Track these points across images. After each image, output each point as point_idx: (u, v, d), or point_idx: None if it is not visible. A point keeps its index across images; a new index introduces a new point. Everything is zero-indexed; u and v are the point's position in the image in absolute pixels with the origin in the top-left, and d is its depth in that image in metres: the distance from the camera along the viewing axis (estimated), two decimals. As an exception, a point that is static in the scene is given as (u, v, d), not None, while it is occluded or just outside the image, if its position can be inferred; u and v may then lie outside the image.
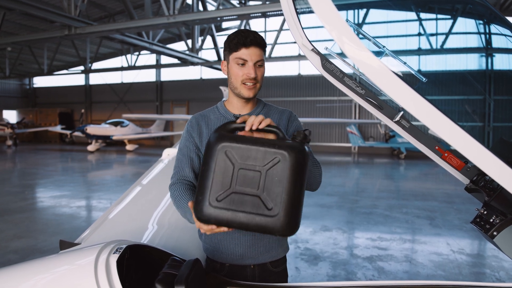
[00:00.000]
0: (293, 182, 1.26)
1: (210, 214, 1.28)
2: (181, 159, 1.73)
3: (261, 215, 1.26)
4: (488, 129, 1.77)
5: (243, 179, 1.28)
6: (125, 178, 12.34)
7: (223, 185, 1.28)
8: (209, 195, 1.28)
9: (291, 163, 1.26)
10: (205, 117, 1.76)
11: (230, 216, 1.27)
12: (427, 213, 7.43)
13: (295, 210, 1.27)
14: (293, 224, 1.27)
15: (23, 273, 1.44)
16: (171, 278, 1.31)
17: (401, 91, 1.06)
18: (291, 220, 1.26)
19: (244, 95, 1.65)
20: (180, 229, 2.15)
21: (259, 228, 1.27)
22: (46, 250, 5.15)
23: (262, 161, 1.27)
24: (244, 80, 1.62)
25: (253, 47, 1.58)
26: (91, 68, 24.48)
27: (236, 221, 1.27)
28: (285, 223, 1.25)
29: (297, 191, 1.27)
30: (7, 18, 16.16)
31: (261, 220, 1.26)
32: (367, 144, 19.87)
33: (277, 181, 1.26)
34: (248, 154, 1.28)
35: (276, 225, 1.25)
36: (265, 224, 1.26)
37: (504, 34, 1.65)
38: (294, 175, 1.26)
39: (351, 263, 4.75)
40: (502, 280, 4.36)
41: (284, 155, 1.26)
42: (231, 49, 1.61)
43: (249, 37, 1.58)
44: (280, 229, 1.26)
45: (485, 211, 1.48)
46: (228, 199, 1.27)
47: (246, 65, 1.60)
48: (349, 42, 1.05)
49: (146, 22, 13.16)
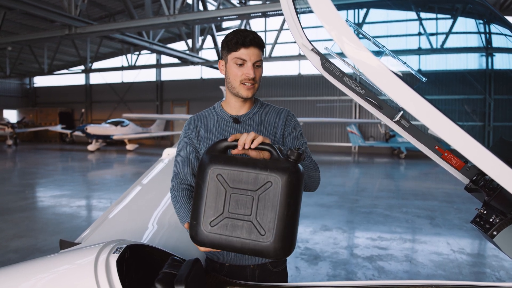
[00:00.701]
0: (286, 205, 1.25)
1: (204, 240, 1.30)
2: (180, 161, 1.73)
3: (255, 240, 1.26)
4: (488, 129, 1.77)
5: (235, 203, 1.28)
6: (125, 177, 12.34)
7: (216, 210, 1.29)
8: (202, 221, 1.29)
9: (283, 186, 1.25)
10: (203, 118, 1.75)
11: (224, 241, 1.28)
12: (427, 213, 7.43)
13: (289, 234, 1.27)
14: (287, 248, 1.28)
15: (23, 272, 1.44)
16: (171, 278, 1.31)
17: (401, 91, 1.06)
18: (285, 245, 1.26)
19: (242, 95, 1.64)
20: (180, 229, 2.15)
21: (253, 253, 1.28)
22: (46, 250, 5.15)
23: (253, 185, 1.27)
24: (243, 80, 1.61)
25: (252, 47, 1.57)
26: (92, 68, 24.48)
27: (230, 245, 1.28)
28: (278, 248, 1.25)
29: (290, 214, 1.26)
30: (8, 18, 16.16)
31: (254, 245, 1.26)
32: (367, 143, 19.88)
33: (269, 206, 1.25)
34: (239, 178, 1.28)
35: (269, 250, 1.25)
36: (259, 250, 1.26)
37: (504, 34, 1.65)
38: (287, 198, 1.25)
39: (351, 263, 4.75)
40: (503, 279, 4.36)
41: (276, 179, 1.25)
42: (230, 48, 1.60)
43: (249, 37, 1.57)
44: (274, 254, 1.26)
45: (485, 210, 1.47)
46: (221, 224, 1.28)
47: (245, 65, 1.59)
48: (348, 42, 1.05)
49: (147, 21, 13.16)
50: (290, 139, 1.75)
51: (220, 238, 1.28)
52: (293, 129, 1.77)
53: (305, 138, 1.80)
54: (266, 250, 1.25)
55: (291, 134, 1.76)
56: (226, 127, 1.70)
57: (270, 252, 1.25)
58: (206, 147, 1.67)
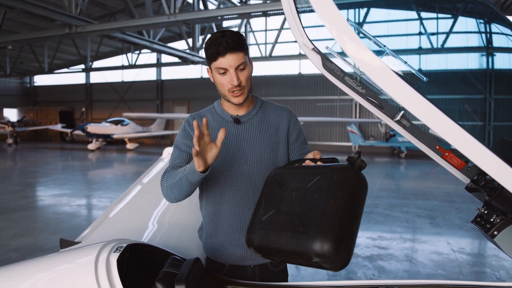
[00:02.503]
0: (333, 196, 1.16)
1: (254, 237, 1.30)
2: (179, 154, 1.67)
3: (297, 236, 1.16)
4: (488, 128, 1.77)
5: (286, 201, 1.29)
6: (126, 177, 12.34)
7: (268, 208, 1.32)
8: (256, 219, 1.33)
9: (333, 179, 1.20)
10: (203, 117, 1.71)
11: (271, 237, 1.24)
12: (428, 212, 7.43)
13: (336, 231, 1.11)
14: (336, 250, 1.10)
15: (24, 271, 1.44)
16: (172, 277, 1.31)
17: (402, 90, 1.06)
18: (331, 244, 1.10)
19: (234, 102, 1.61)
20: (181, 228, 2.15)
21: (297, 250, 1.15)
22: (47, 249, 5.16)
23: (308, 180, 1.27)
24: (230, 88, 1.57)
25: (229, 53, 1.51)
26: (92, 67, 24.50)
27: (277, 244, 1.21)
28: (326, 247, 1.10)
29: (337, 207, 1.14)
30: (8, 17, 16.14)
31: (297, 242, 1.15)
32: (368, 143, 19.86)
33: (316, 199, 1.19)
34: (296, 176, 1.32)
35: (312, 246, 1.11)
36: (302, 247, 1.13)
37: (504, 33, 1.65)
38: (335, 190, 1.17)
39: (351, 262, 4.75)
40: (503, 279, 4.36)
41: (326, 173, 1.24)
42: (209, 59, 1.56)
43: (222, 44, 1.50)
44: (318, 253, 1.10)
45: (485, 210, 1.47)
46: (269, 219, 1.29)
47: (228, 73, 1.55)
48: (349, 41, 1.04)
49: (147, 21, 13.17)
50: (297, 145, 1.75)
51: (266, 233, 1.26)
52: (298, 134, 1.76)
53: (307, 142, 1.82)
54: (308, 247, 1.11)
55: (298, 141, 1.76)
56: (227, 128, 1.68)
57: (313, 248, 1.10)
58: None
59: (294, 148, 1.74)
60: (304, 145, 1.77)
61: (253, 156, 1.66)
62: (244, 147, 1.66)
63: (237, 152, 1.66)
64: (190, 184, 1.49)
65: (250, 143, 1.67)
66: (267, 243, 1.25)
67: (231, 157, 1.65)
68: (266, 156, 1.67)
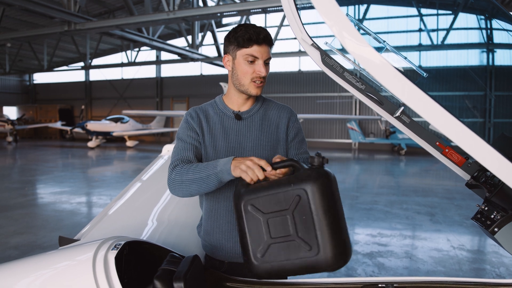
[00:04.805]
0: (322, 213, 1.22)
1: (259, 273, 1.30)
2: (183, 146, 1.63)
3: (304, 258, 1.23)
4: (489, 125, 1.76)
5: (274, 227, 1.28)
6: (125, 174, 12.34)
7: (259, 240, 1.29)
8: (251, 255, 1.30)
9: (311, 196, 1.23)
10: (204, 111, 1.72)
11: (277, 267, 1.27)
12: (428, 209, 7.43)
13: (336, 239, 1.22)
14: (340, 256, 1.23)
15: (23, 269, 1.44)
16: (170, 275, 1.31)
17: (402, 86, 1.05)
18: (336, 253, 1.22)
19: (252, 93, 1.61)
20: (180, 225, 2.15)
21: (309, 270, 1.25)
22: (46, 246, 5.16)
23: (285, 204, 1.26)
24: (254, 78, 1.57)
25: (265, 44, 1.55)
26: (91, 64, 24.43)
27: (285, 270, 1.27)
28: (330, 258, 1.22)
29: (329, 220, 1.22)
30: (7, 14, 16.13)
31: (306, 262, 1.23)
32: (368, 140, 19.87)
33: (305, 219, 1.23)
34: (270, 202, 1.28)
35: (321, 263, 1.22)
36: (312, 266, 1.23)
37: (505, 29, 1.64)
38: (321, 206, 1.22)
39: (351, 259, 4.75)
40: (503, 276, 4.36)
41: (301, 191, 1.24)
42: (241, 44, 1.55)
43: (262, 33, 1.53)
44: (327, 266, 1.22)
45: (486, 207, 1.47)
46: (269, 252, 1.28)
47: (256, 62, 1.55)
48: (349, 37, 1.03)
49: (146, 18, 13.11)
50: (294, 144, 1.75)
51: (272, 266, 1.28)
52: (297, 133, 1.76)
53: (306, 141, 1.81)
54: (318, 264, 1.22)
55: (295, 139, 1.75)
56: (228, 123, 1.68)
57: (323, 264, 1.22)
58: (209, 141, 1.66)
59: (292, 147, 1.74)
60: (302, 144, 1.77)
61: (252, 153, 1.65)
62: (244, 143, 1.67)
63: (237, 148, 1.65)
64: (219, 183, 1.47)
65: (250, 139, 1.67)
66: (276, 274, 1.29)
67: (231, 153, 1.65)
68: (265, 153, 1.67)
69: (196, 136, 1.65)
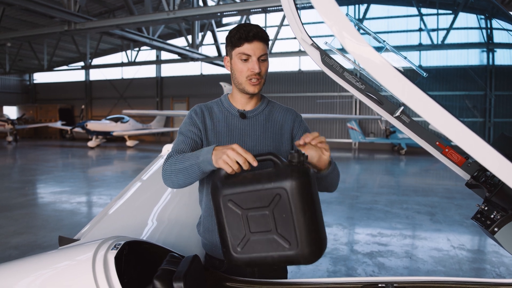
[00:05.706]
0: (301, 212, 1.25)
1: (238, 261, 1.33)
2: (183, 140, 1.64)
3: (283, 252, 1.28)
4: (489, 125, 1.76)
5: (254, 222, 1.30)
6: (125, 174, 12.34)
7: (239, 233, 1.31)
8: (231, 247, 1.33)
9: (291, 195, 1.25)
10: (209, 108, 1.73)
11: (256, 259, 1.31)
12: (428, 209, 7.43)
13: (314, 238, 1.27)
14: (315, 252, 1.29)
15: (22, 269, 1.44)
16: (170, 275, 1.31)
17: (402, 85, 1.05)
18: (313, 250, 1.28)
19: (249, 91, 1.62)
20: (180, 225, 2.15)
21: (287, 263, 1.32)
22: (46, 246, 5.16)
23: (265, 201, 1.28)
24: (249, 76, 1.59)
25: (256, 41, 1.56)
26: (91, 64, 24.41)
27: (263, 262, 1.31)
28: (306, 254, 1.27)
29: (308, 219, 1.26)
30: (7, 14, 16.12)
31: (286, 256, 1.28)
32: (368, 140, 19.87)
33: (285, 217, 1.26)
34: (249, 199, 1.29)
35: (298, 257, 1.28)
36: (291, 259, 1.29)
37: (505, 29, 1.64)
38: (300, 204, 1.25)
39: (351, 259, 4.75)
40: (503, 275, 4.36)
41: (282, 190, 1.25)
42: (234, 44, 1.58)
43: (252, 31, 1.55)
44: (304, 260, 1.29)
45: (486, 207, 1.47)
46: (248, 245, 1.31)
47: (250, 60, 1.57)
48: (349, 37, 1.03)
49: (146, 17, 13.11)
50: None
51: (250, 258, 1.31)
52: (305, 133, 1.74)
53: None
54: (297, 258, 1.28)
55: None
56: (233, 122, 1.69)
57: (301, 258, 1.28)
58: (212, 138, 1.67)
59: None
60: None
61: (255, 152, 1.65)
62: (247, 142, 1.68)
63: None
64: (201, 173, 1.46)
65: (253, 138, 1.69)
66: (255, 263, 1.33)
67: None
68: None
69: (198, 132, 1.67)
